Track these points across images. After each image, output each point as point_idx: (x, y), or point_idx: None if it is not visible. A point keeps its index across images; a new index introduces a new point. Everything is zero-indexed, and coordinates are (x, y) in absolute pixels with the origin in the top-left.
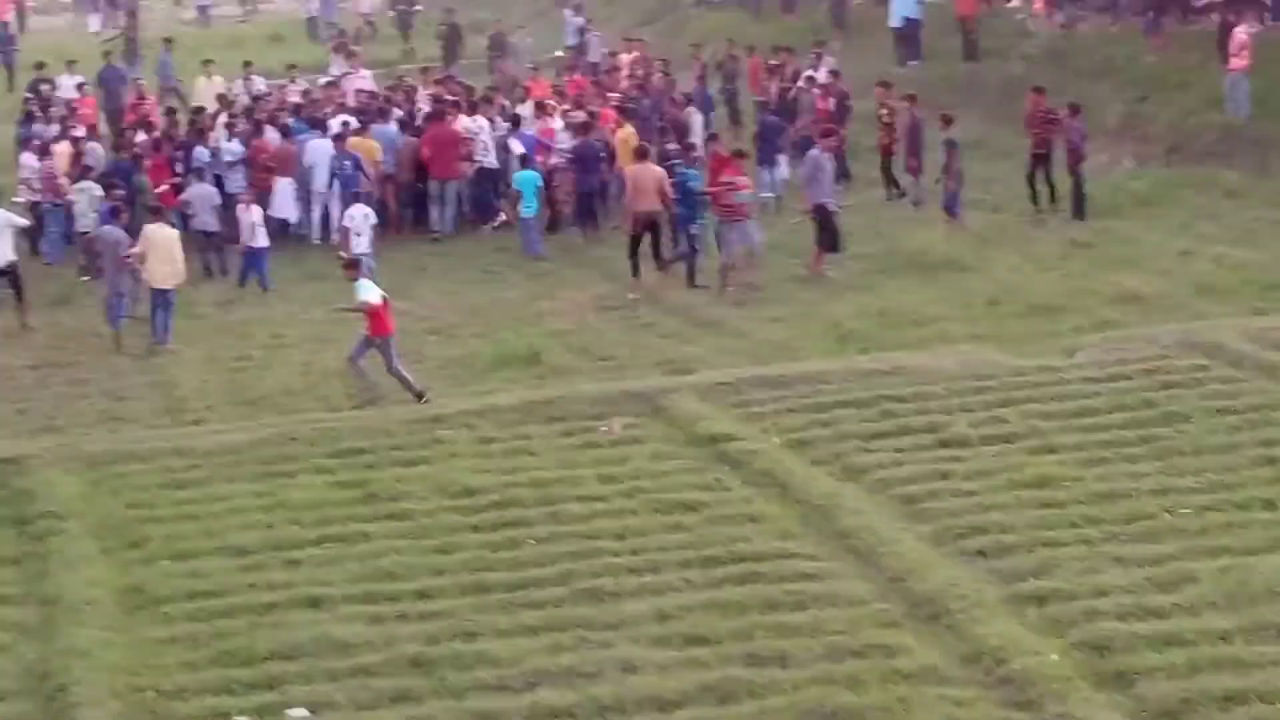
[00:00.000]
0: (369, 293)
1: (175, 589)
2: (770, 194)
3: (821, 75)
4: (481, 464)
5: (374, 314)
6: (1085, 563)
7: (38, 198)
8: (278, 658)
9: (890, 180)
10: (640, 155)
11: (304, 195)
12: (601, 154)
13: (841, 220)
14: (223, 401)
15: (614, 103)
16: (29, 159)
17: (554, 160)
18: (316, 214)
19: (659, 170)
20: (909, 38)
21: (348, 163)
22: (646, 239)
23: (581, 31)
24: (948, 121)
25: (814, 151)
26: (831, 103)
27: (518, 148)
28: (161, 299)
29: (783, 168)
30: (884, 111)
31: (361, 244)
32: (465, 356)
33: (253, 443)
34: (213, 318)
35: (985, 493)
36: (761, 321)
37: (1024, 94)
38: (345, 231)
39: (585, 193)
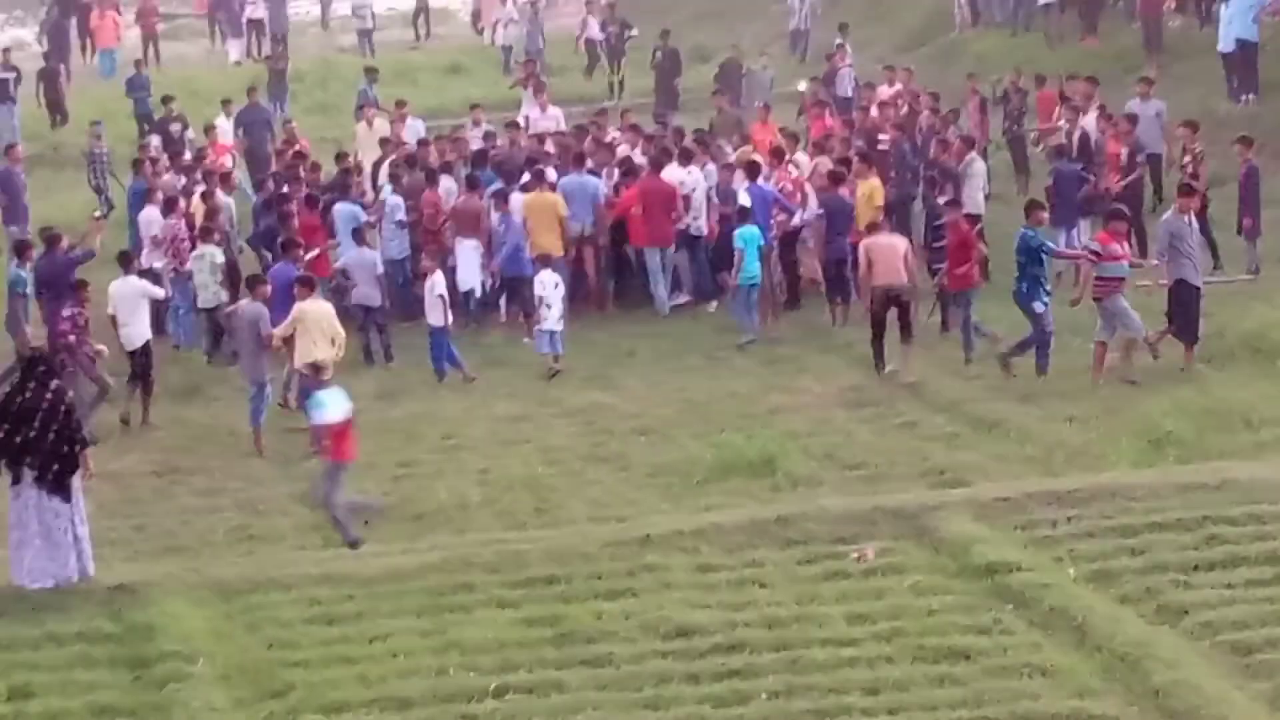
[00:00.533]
0: (329, 410)
1: None
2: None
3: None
4: (701, 597)
5: (336, 434)
6: None
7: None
8: None
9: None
10: (871, 229)
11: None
12: (854, 212)
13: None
14: (383, 518)
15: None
16: (152, 213)
17: (796, 220)
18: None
19: (901, 240)
20: (1243, 65)
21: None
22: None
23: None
24: None
25: (1169, 215)
26: (1124, 151)
27: (744, 199)
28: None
29: (1083, 229)
30: (1187, 159)
31: (552, 318)
32: (681, 462)
33: (419, 568)
34: (372, 413)
35: None
36: (1054, 421)
37: None
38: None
39: (836, 260)
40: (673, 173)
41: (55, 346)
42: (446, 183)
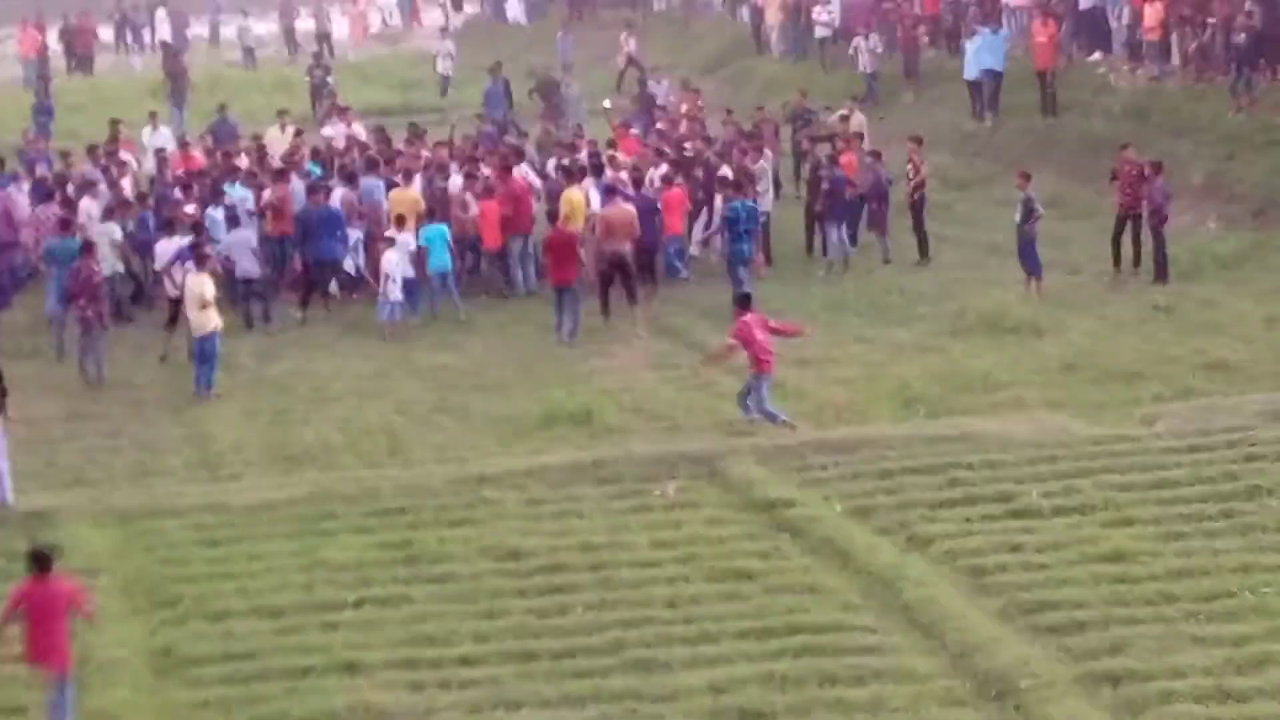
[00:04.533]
0: None
1: (207, 651)
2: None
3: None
4: (529, 526)
5: None
6: (1162, 642)
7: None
8: None
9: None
10: (609, 193)
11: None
12: (656, 208)
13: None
14: (261, 457)
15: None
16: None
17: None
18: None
19: (630, 209)
20: (990, 91)
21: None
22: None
23: (642, 83)
24: (1025, 178)
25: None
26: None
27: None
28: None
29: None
30: (909, 167)
31: (394, 290)
32: (514, 414)
33: (291, 500)
34: (251, 370)
35: (1057, 566)
36: (825, 383)
37: (1104, 151)
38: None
39: (646, 249)
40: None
41: None
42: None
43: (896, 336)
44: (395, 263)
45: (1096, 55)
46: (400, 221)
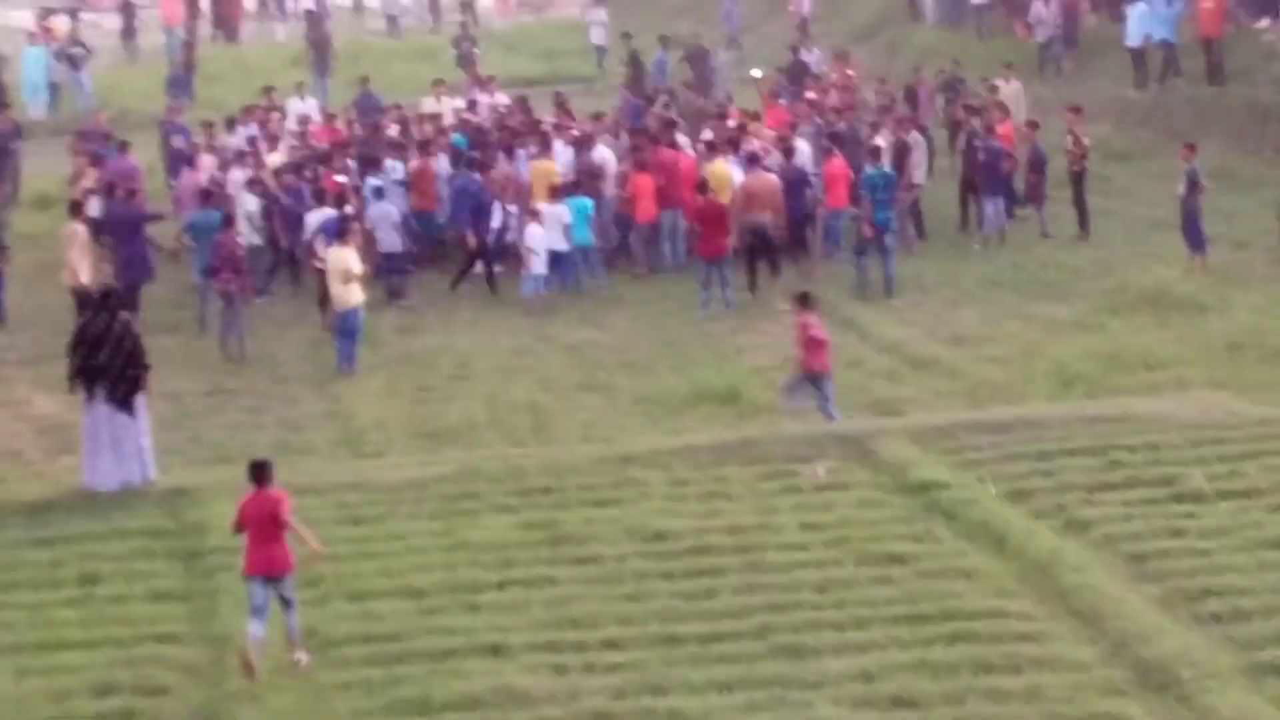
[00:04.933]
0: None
1: (349, 631)
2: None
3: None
4: (675, 507)
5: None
6: None
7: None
8: (455, 708)
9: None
10: (752, 162)
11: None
12: (807, 179)
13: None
14: (403, 434)
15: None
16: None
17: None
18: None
19: (772, 179)
20: (1158, 60)
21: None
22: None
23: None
24: (1190, 150)
25: None
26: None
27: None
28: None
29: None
30: (1069, 138)
31: (538, 265)
32: (660, 392)
33: (434, 478)
34: (395, 345)
35: (1222, 552)
36: (980, 361)
37: (1272, 120)
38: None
39: (796, 220)
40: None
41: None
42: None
43: (1054, 313)
44: (538, 237)
45: (1264, 22)
46: (553, 193)
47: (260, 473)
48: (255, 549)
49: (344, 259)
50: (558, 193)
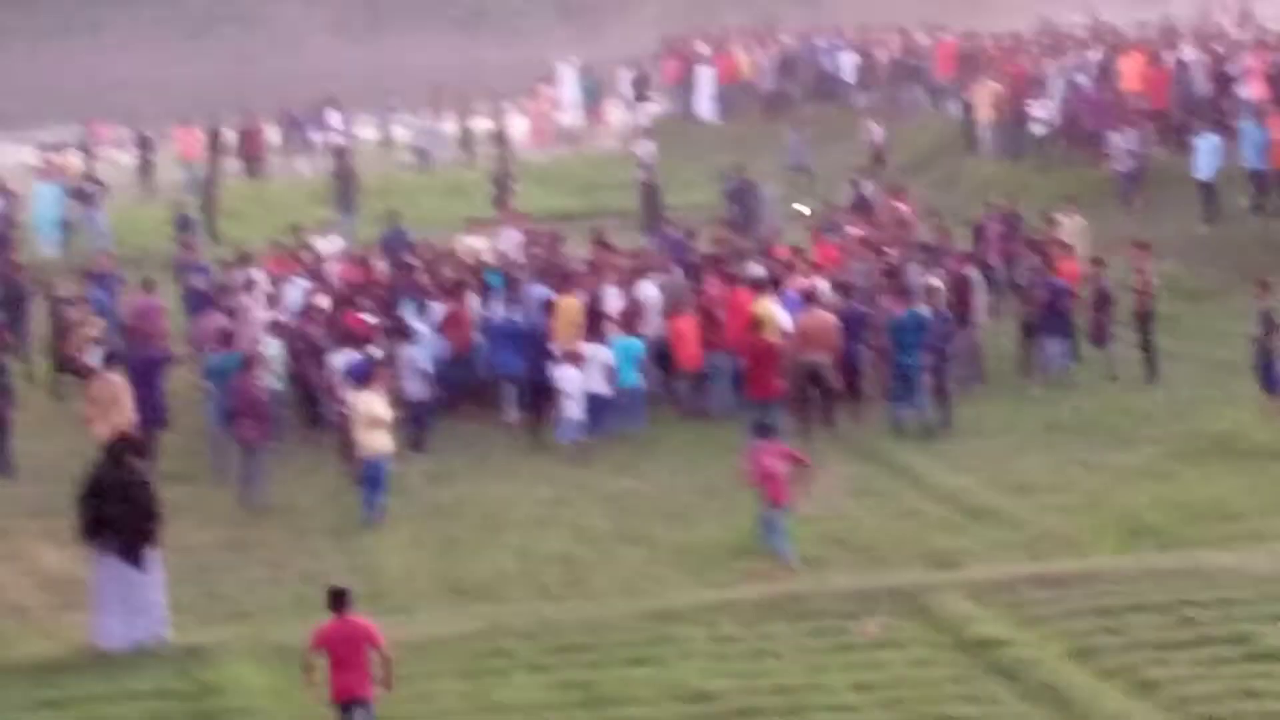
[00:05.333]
0: None
1: None
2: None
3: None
4: (718, 666)
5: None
6: None
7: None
8: None
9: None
10: (807, 301)
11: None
12: (864, 320)
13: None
14: (430, 588)
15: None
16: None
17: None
18: None
19: (829, 317)
20: (1259, 188)
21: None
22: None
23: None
24: (1265, 288)
25: None
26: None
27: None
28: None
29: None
30: (1137, 277)
31: (573, 409)
32: (702, 543)
33: (462, 635)
34: (423, 495)
35: None
36: (1042, 511)
37: None
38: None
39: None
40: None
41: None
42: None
43: (1121, 460)
44: (573, 379)
45: None
46: (593, 333)
47: (340, 601)
48: (338, 676)
49: (370, 404)
50: (598, 333)
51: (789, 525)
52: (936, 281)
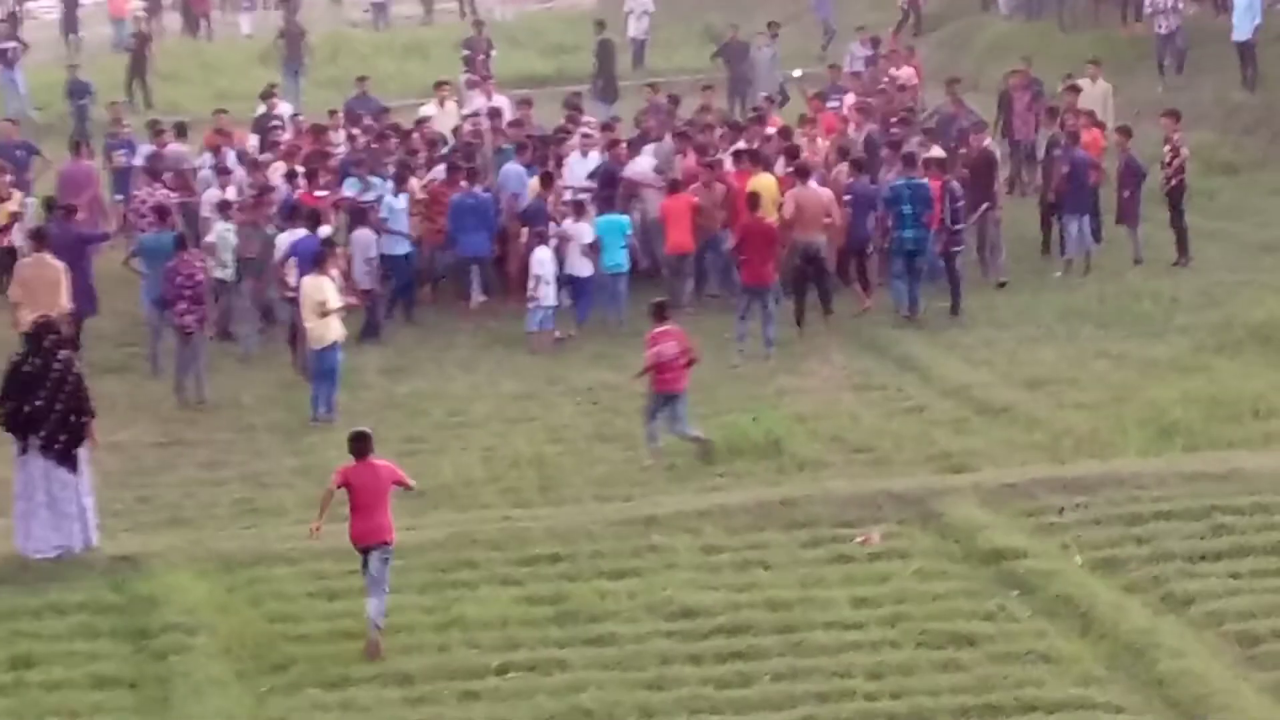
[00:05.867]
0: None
1: None
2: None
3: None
4: (705, 579)
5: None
6: None
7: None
8: None
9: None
10: (803, 175)
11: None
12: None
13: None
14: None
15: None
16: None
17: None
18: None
19: (825, 193)
20: (1254, 56)
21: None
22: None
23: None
24: None
25: None
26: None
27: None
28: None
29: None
30: (1167, 148)
31: (546, 294)
32: (687, 444)
33: (424, 545)
34: (379, 389)
35: None
36: (1062, 408)
37: None
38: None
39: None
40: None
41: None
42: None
43: (1149, 352)
44: (546, 261)
45: None
46: (578, 210)
47: (362, 444)
48: (360, 520)
49: (319, 289)
50: (582, 209)
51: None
52: (939, 150)
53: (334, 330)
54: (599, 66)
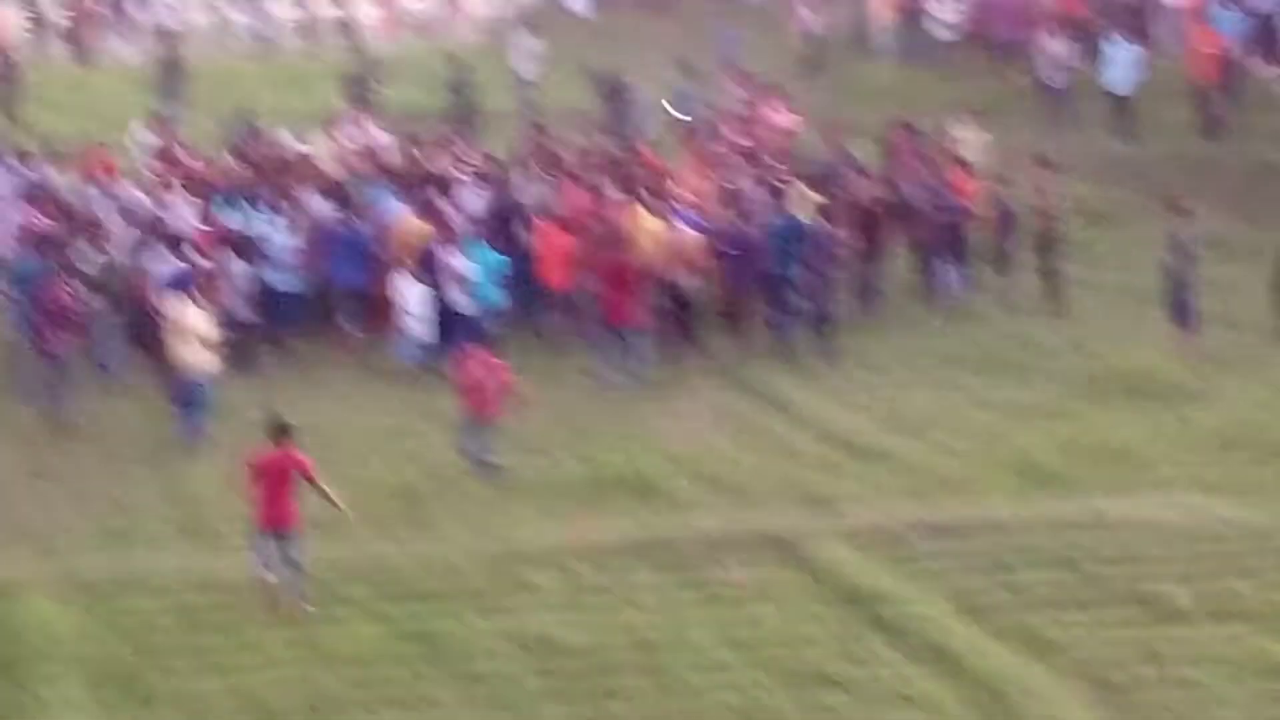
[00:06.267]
0: None
1: None
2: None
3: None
4: (574, 617)
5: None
6: None
7: None
8: None
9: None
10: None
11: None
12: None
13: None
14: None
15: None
16: None
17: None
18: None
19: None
20: (1132, 109)
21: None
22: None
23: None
24: (1181, 212)
25: None
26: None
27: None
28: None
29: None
30: (1038, 196)
31: (414, 326)
32: (559, 480)
33: None
34: (247, 418)
35: (1208, 683)
36: (933, 452)
37: (1276, 182)
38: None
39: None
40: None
41: None
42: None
43: (1020, 398)
44: (415, 293)
45: (1270, 68)
46: (453, 242)
47: (282, 432)
48: (269, 505)
49: (191, 317)
50: (457, 241)
51: (492, 439)
52: (813, 194)
53: (205, 361)
54: (458, 100)
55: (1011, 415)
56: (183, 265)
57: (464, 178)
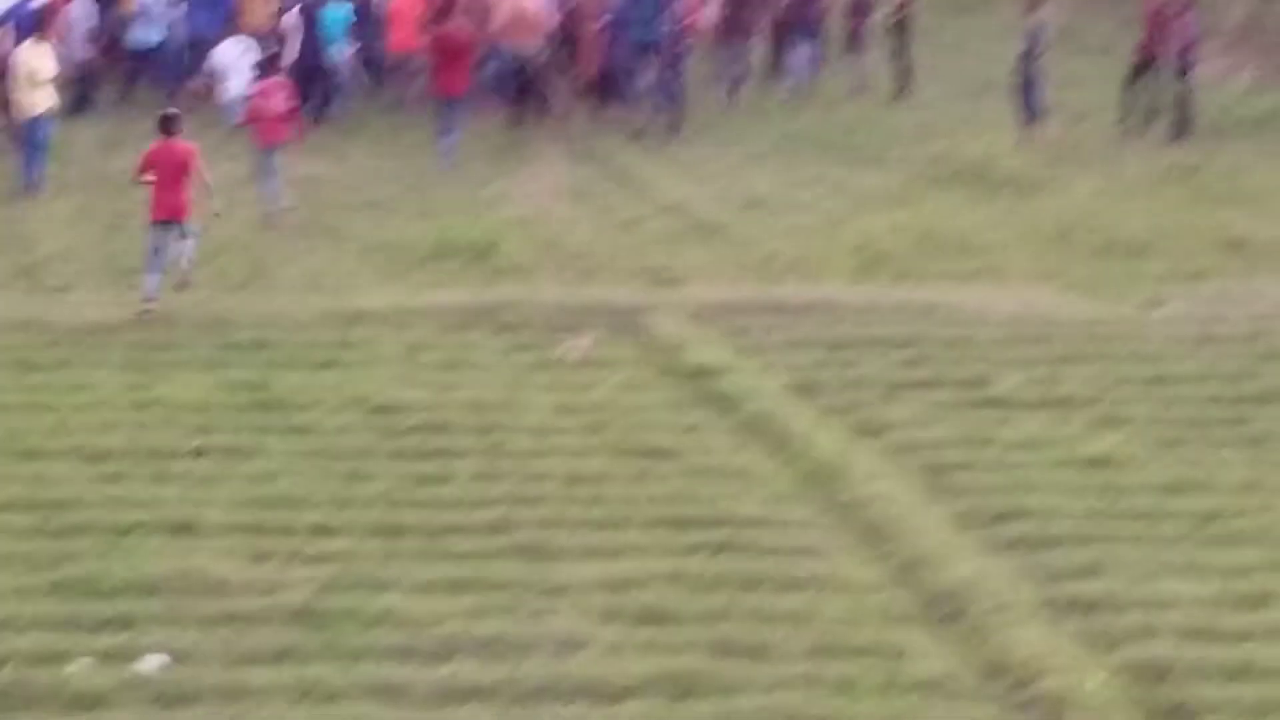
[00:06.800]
0: None
1: (14, 495)
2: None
3: None
4: (409, 375)
5: None
6: (1147, 566)
7: None
8: (134, 592)
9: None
10: None
11: None
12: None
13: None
14: (93, 268)
15: None
16: None
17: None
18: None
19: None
20: None
21: None
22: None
23: None
24: (1033, 2)
25: None
26: None
27: None
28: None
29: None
30: None
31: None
32: (401, 241)
33: (126, 323)
34: (91, 164)
35: (1032, 468)
36: (773, 231)
37: None
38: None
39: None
40: None
41: None
42: None
43: (863, 182)
44: (230, 52)
45: None
46: None
47: (169, 124)
48: (162, 195)
49: (33, 58)
50: None
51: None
52: None
53: (45, 100)
54: None
55: (855, 199)
56: (25, 2)
57: None
